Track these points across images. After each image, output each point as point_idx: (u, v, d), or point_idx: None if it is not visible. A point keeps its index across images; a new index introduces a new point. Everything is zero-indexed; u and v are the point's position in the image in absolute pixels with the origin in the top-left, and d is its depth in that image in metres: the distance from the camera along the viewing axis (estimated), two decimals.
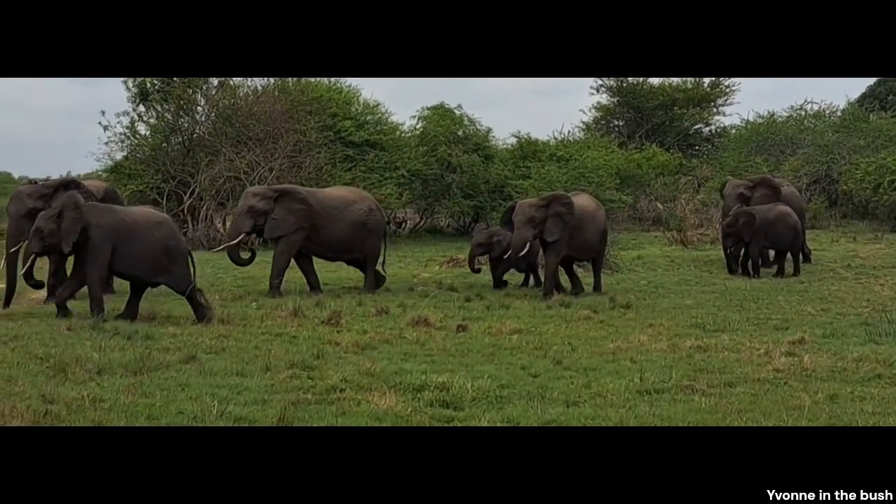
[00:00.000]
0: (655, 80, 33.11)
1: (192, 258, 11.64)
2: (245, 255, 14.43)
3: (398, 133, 25.87)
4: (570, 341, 10.37)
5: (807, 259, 18.40)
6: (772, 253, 18.04)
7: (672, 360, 9.28)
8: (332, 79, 25.95)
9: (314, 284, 14.26)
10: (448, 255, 19.45)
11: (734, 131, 33.18)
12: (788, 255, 17.67)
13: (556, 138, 29.58)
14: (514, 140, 27.88)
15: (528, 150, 26.91)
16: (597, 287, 15.08)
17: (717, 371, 8.70)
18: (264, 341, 9.89)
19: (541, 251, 15.16)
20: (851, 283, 16.38)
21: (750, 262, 17.34)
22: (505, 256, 15.06)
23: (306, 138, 22.82)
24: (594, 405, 7.29)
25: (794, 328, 11.36)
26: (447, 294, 14.41)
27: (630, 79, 32.74)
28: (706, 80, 33.25)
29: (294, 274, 15.10)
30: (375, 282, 14.71)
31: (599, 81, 33.22)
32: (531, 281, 15.69)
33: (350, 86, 26.23)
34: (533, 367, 8.88)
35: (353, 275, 15.35)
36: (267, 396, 7.29)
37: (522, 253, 14.37)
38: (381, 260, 14.89)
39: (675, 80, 33.28)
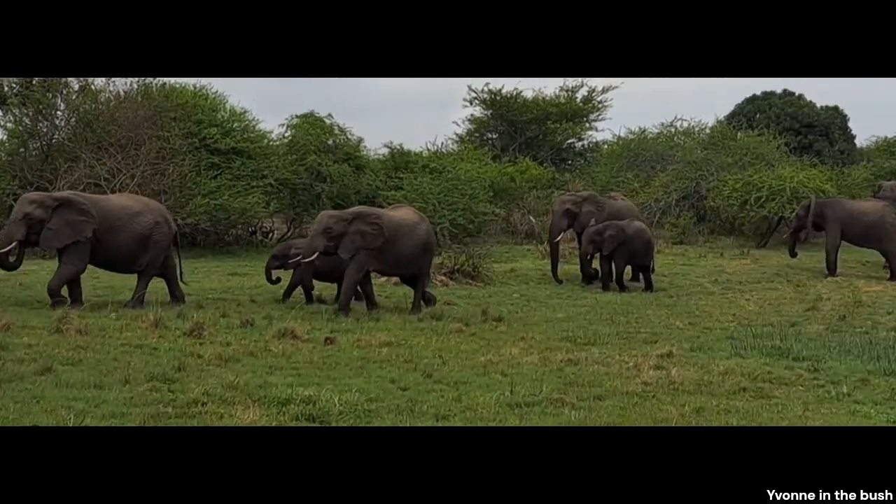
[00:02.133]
0: (529, 94, 33.45)
1: None
2: (12, 259, 13.30)
3: (266, 141, 25.41)
4: (440, 354, 10.29)
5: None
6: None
7: (543, 373, 9.31)
8: (198, 85, 25.52)
9: (76, 297, 13.16)
10: None
11: (606, 147, 33.73)
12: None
13: (429, 150, 29.61)
14: (386, 150, 27.87)
15: (400, 161, 26.85)
16: (415, 306, 14.16)
17: (587, 384, 8.77)
18: (123, 353, 9.61)
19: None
20: (718, 297, 16.70)
21: (601, 275, 17.65)
22: (290, 262, 14.55)
23: (170, 145, 22.27)
24: (464, 419, 7.27)
25: (662, 342, 11.51)
26: (315, 305, 14.18)
27: (504, 91, 32.98)
28: (579, 95, 33.72)
29: (156, 284, 14.68)
30: (172, 296, 13.87)
31: (473, 94, 33.39)
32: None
33: (216, 92, 25.72)
34: (402, 380, 8.78)
35: (216, 285, 14.95)
36: (125, 410, 7.13)
37: (309, 260, 13.73)
38: (178, 272, 14.13)
39: (549, 94, 33.69)
